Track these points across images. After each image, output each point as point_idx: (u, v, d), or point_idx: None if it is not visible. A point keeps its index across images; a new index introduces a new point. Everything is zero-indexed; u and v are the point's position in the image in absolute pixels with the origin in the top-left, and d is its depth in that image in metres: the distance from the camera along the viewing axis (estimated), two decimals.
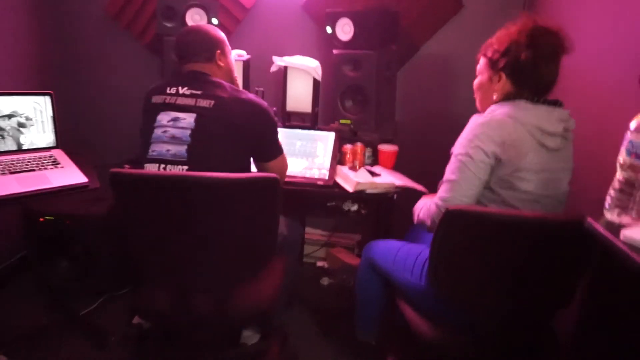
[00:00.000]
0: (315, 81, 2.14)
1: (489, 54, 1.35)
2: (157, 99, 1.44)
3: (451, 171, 1.28)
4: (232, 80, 1.63)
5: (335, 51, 2.09)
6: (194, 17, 2.05)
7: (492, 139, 1.22)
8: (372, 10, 2.00)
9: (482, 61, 1.40)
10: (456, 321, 1.33)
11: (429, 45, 2.34)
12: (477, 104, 1.46)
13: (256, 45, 2.36)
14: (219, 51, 1.54)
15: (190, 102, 1.40)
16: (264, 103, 1.49)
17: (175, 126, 1.38)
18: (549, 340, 1.33)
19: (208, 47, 1.52)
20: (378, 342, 1.78)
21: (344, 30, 2.04)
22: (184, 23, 2.04)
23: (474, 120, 1.28)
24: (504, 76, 1.31)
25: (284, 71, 2.17)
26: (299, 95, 2.19)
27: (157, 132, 1.40)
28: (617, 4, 1.52)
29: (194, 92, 1.42)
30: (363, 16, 1.97)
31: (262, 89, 2.13)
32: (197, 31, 1.55)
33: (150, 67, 2.46)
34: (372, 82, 2.01)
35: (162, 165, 1.38)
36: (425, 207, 1.37)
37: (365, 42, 1.99)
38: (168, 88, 1.44)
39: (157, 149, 1.39)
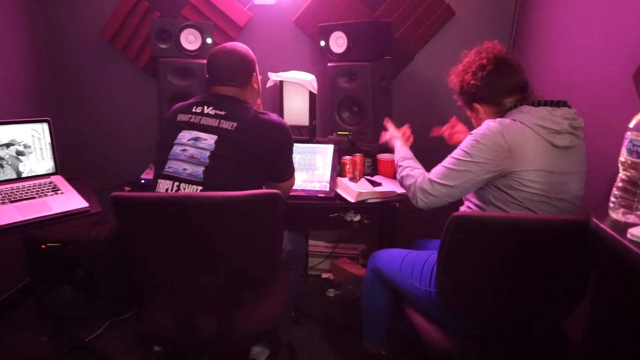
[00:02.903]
0: (311, 94, 2.15)
1: (458, 100, 1.50)
2: (182, 117, 1.45)
3: (451, 162, 1.34)
4: (259, 95, 1.65)
5: (330, 64, 2.10)
6: (189, 38, 2.07)
7: (497, 142, 1.26)
8: (365, 22, 2.02)
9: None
10: (466, 327, 1.32)
11: (423, 53, 2.35)
12: None
13: None
14: (255, 74, 1.55)
15: (213, 122, 1.40)
16: (286, 124, 1.48)
17: (195, 146, 1.38)
18: (560, 343, 1.32)
19: (245, 73, 1.51)
20: (388, 353, 1.76)
21: (338, 43, 2.05)
22: (179, 44, 2.05)
23: (486, 123, 1.32)
24: (477, 106, 1.42)
25: (279, 86, 2.18)
26: (296, 109, 2.19)
27: (176, 149, 1.40)
28: (608, 6, 1.53)
29: (218, 112, 1.42)
30: (356, 28, 1.99)
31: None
32: (234, 55, 1.51)
33: (147, 89, 2.47)
34: (368, 92, 2.02)
35: (177, 183, 1.37)
36: (418, 174, 1.44)
37: (360, 53, 2.00)
38: (194, 107, 1.45)
39: (173, 166, 1.39)
